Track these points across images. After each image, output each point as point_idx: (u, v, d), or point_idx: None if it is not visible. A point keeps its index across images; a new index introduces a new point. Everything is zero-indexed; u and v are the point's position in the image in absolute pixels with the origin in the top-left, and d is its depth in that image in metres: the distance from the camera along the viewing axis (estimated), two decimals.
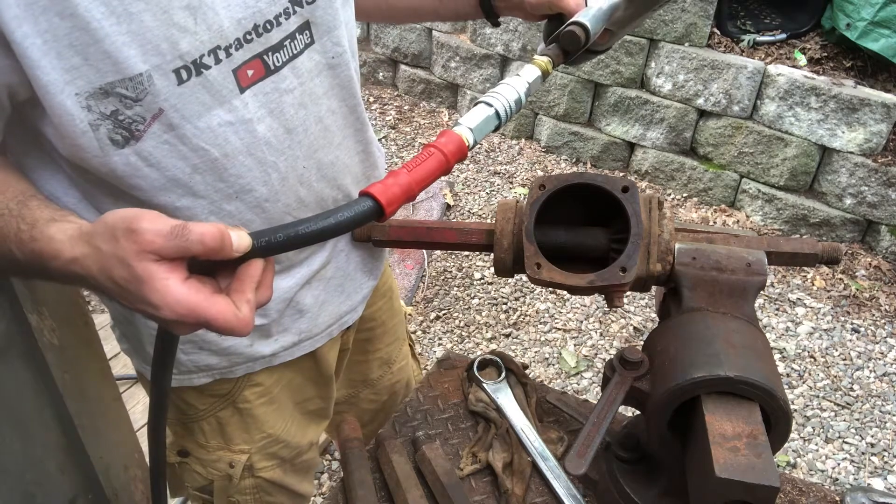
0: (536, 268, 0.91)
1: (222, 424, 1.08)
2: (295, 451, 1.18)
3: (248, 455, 1.11)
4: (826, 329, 2.87)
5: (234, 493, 1.13)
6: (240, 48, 0.79)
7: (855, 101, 2.99)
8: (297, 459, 1.20)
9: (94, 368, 1.18)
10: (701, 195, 3.58)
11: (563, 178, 0.95)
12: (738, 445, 0.74)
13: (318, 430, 1.25)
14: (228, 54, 0.78)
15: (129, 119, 0.73)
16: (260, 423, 1.10)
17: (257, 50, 0.81)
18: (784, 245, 0.97)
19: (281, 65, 0.84)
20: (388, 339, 1.35)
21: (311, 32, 0.87)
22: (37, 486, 1.07)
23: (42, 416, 1.07)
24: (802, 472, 2.30)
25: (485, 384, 1.15)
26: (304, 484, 1.26)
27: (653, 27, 3.39)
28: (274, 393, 1.10)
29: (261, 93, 0.83)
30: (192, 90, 0.76)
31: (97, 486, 1.20)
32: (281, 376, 1.10)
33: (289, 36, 0.83)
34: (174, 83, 0.74)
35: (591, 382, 2.59)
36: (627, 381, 0.86)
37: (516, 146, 4.01)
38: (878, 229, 3.17)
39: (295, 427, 1.16)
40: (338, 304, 1.09)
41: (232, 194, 0.86)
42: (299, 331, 1.05)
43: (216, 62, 0.77)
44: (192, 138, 0.79)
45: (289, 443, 1.15)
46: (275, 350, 1.04)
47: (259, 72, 0.82)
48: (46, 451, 1.10)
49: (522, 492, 1.00)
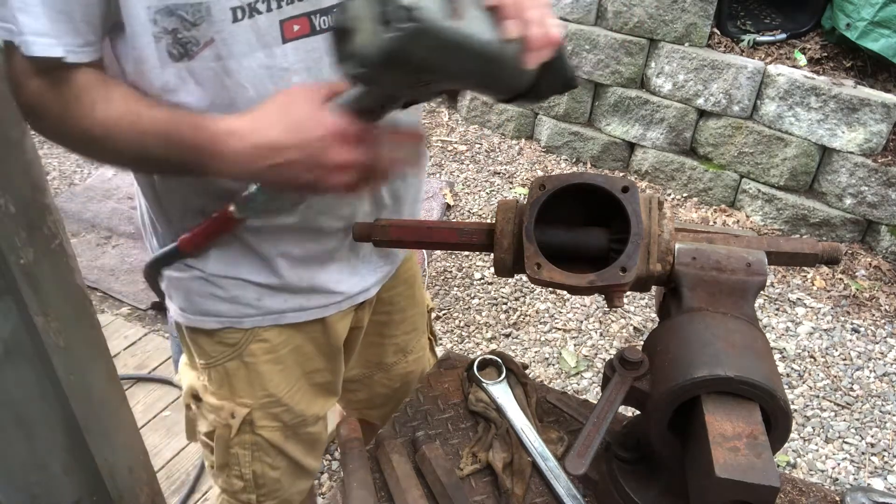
0: (536, 268, 0.91)
1: (229, 375, 1.12)
2: (298, 419, 1.20)
3: (250, 410, 1.14)
4: (826, 329, 2.87)
5: (234, 445, 1.16)
6: (290, 3, 0.84)
7: (855, 101, 2.99)
8: (302, 429, 1.21)
9: (101, 370, 1.19)
10: (701, 195, 3.58)
11: (563, 178, 0.95)
12: (738, 445, 0.74)
13: (326, 405, 1.26)
14: (279, 5, 0.84)
15: (186, 39, 0.82)
16: (263, 381, 1.13)
17: (307, 9, 0.86)
18: (784, 245, 0.97)
19: (327, 27, 0.88)
20: (406, 326, 1.36)
21: None
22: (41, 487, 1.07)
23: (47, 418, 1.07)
24: (802, 472, 2.30)
25: (485, 384, 1.15)
26: (309, 458, 1.27)
27: (653, 27, 3.40)
28: (280, 353, 1.13)
29: (302, 48, 0.88)
30: (242, 29, 0.83)
31: (102, 488, 1.20)
32: (289, 338, 1.12)
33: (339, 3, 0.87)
34: (229, 19, 0.81)
35: (591, 382, 2.59)
36: (627, 381, 0.86)
37: (516, 146, 4.01)
38: (878, 229, 3.17)
39: (300, 395, 1.18)
40: (351, 284, 1.12)
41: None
42: (309, 298, 1.09)
43: (268, 10, 0.83)
44: (234, 73, 0.85)
45: (291, 408, 1.17)
46: (283, 308, 1.08)
47: (304, 29, 0.87)
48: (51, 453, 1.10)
49: (522, 492, 1.00)
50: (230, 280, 1.04)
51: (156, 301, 2.81)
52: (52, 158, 3.86)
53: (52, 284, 1.00)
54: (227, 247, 1.02)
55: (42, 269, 0.97)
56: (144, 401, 2.38)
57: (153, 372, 2.49)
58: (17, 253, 1.05)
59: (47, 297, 1.04)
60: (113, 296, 2.90)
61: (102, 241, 3.24)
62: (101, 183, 3.66)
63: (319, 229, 1.04)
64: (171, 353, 2.46)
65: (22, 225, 0.95)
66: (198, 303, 1.07)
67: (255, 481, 1.21)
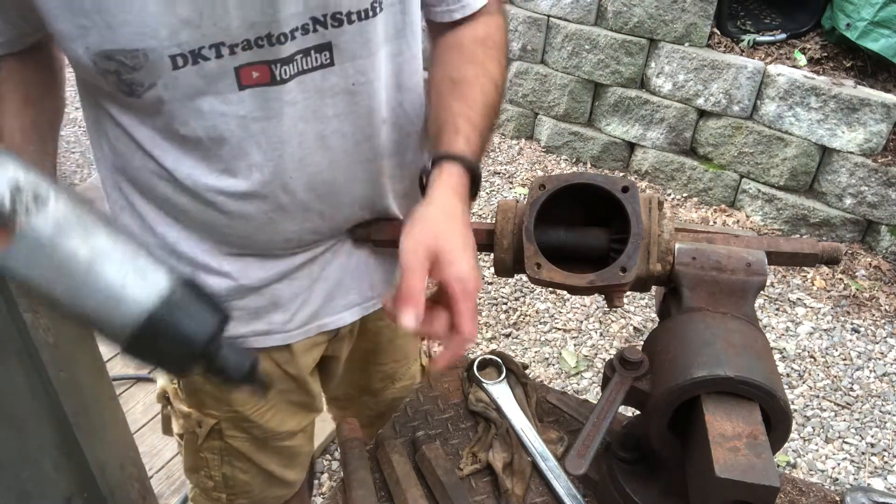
0: (536, 268, 0.91)
1: (195, 388, 1.11)
2: (270, 434, 1.17)
3: (218, 420, 1.12)
4: (826, 329, 2.87)
5: (203, 450, 1.16)
6: (247, 49, 0.78)
7: (855, 101, 2.99)
8: (275, 442, 1.19)
9: (90, 367, 1.19)
10: (701, 195, 3.58)
11: (563, 178, 0.95)
12: (738, 445, 0.74)
13: (304, 421, 1.23)
14: (232, 52, 0.78)
15: (130, 80, 0.77)
16: (228, 397, 1.10)
17: (266, 57, 0.80)
18: (784, 245, 0.97)
19: (288, 77, 0.82)
20: (395, 354, 1.32)
21: (332, 55, 0.84)
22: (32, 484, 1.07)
23: (37, 415, 1.07)
24: (802, 472, 2.30)
25: (485, 384, 1.15)
26: (287, 470, 1.25)
27: (653, 27, 3.40)
28: None
29: (261, 97, 0.82)
30: (185, 75, 0.77)
31: (93, 484, 1.20)
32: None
33: (303, 52, 0.82)
34: (169, 66, 0.76)
35: (591, 382, 2.59)
36: (627, 381, 0.86)
37: (516, 146, 4.01)
38: (878, 229, 3.17)
39: (272, 412, 1.15)
40: (319, 307, 1.07)
41: (216, 173, 0.87)
42: (271, 321, 1.05)
43: (217, 56, 0.77)
44: (180, 114, 0.81)
45: (260, 425, 1.15)
46: (244, 332, 1.04)
47: (264, 77, 0.81)
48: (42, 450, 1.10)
49: (522, 492, 1.00)
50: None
51: None
52: None
53: None
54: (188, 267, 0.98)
55: None
56: (144, 401, 2.37)
57: (153, 372, 2.49)
58: None
59: None
60: None
61: None
62: (101, 183, 3.66)
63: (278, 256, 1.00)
64: None
65: None
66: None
67: (224, 482, 1.20)
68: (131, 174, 0.92)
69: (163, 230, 0.95)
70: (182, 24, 0.73)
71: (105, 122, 0.89)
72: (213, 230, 0.95)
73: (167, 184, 0.90)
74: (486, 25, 0.99)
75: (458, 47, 0.98)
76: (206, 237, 0.96)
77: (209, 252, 0.97)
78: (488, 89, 0.95)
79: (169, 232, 0.95)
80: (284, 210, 0.93)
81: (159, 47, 0.74)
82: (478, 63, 0.96)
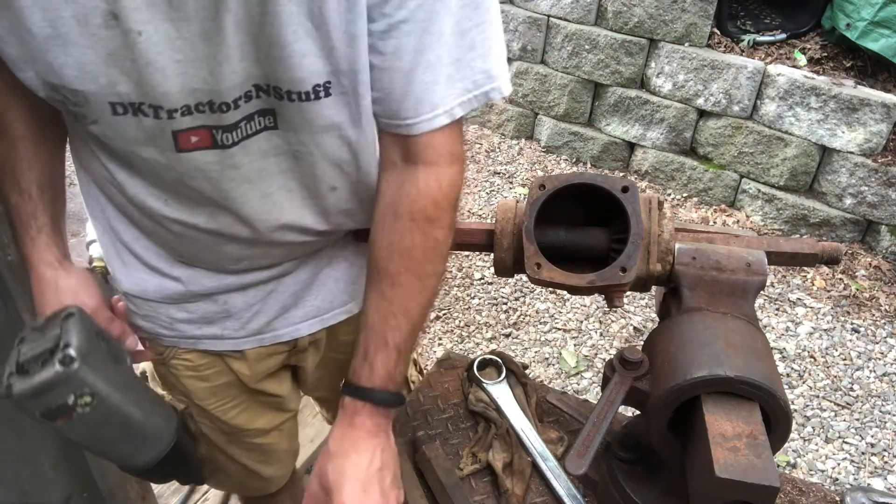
0: (536, 268, 0.91)
1: (163, 377, 1.13)
2: (237, 430, 1.17)
3: (187, 406, 1.14)
4: (826, 329, 2.87)
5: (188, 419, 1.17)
6: (187, 114, 0.75)
7: (855, 101, 2.99)
8: (246, 438, 1.19)
9: None
10: (701, 195, 3.58)
11: (563, 178, 0.95)
12: (738, 445, 0.74)
13: (275, 420, 1.22)
14: (171, 116, 0.75)
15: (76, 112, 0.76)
16: (189, 392, 1.11)
17: (207, 122, 0.77)
18: (784, 245, 0.97)
19: (231, 143, 0.79)
20: None
21: (276, 119, 0.80)
22: (32, 484, 1.07)
23: None
24: (802, 472, 2.30)
25: (485, 384, 1.15)
26: (264, 467, 1.25)
27: (653, 27, 3.40)
28: (204, 373, 1.10)
29: (203, 160, 0.80)
30: (126, 122, 0.76)
31: (92, 484, 1.20)
32: (211, 363, 1.09)
33: (246, 118, 0.78)
34: (109, 112, 0.75)
35: (591, 382, 2.59)
36: (627, 381, 0.86)
37: (516, 146, 4.01)
38: (878, 229, 3.17)
39: (237, 410, 1.15)
40: (273, 318, 1.06)
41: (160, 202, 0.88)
42: (223, 327, 1.05)
43: (155, 117, 0.75)
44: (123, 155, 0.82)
45: (225, 421, 1.15)
46: (197, 335, 1.05)
47: (205, 142, 0.78)
48: (41, 450, 1.10)
49: (522, 492, 1.00)
50: (144, 302, 1.01)
51: None
52: None
53: None
54: (136, 269, 0.99)
55: None
56: None
57: None
58: (4, 250, 1.05)
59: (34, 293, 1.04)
60: None
61: None
62: None
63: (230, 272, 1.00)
64: None
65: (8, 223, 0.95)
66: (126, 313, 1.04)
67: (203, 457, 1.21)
68: (93, 174, 0.93)
69: (120, 228, 0.97)
70: (122, 75, 0.71)
71: (72, 127, 0.90)
72: (163, 242, 0.96)
73: (120, 195, 0.91)
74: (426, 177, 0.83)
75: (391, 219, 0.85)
76: (159, 243, 0.97)
77: (162, 257, 0.98)
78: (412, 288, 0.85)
79: (126, 232, 0.97)
80: (231, 241, 0.92)
81: (99, 92, 0.73)
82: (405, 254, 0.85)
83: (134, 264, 0.99)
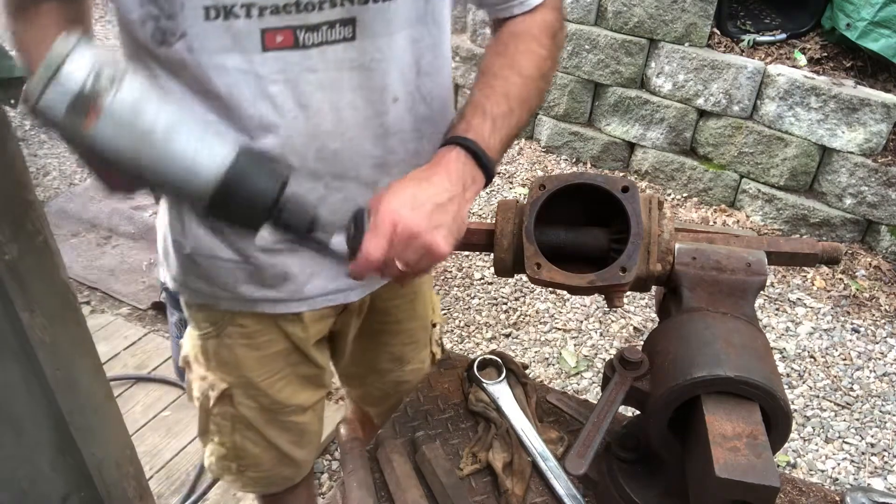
0: (536, 268, 0.91)
1: (211, 351, 1.15)
2: (279, 406, 1.20)
3: (229, 386, 1.16)
4: (826, 329, 2.87)
5: (215, 415, 1.20)
6: (275, 14, 0.82)
7: (855, 101, 2.99)
8: (284, 416, 1.22)
9: (86, 366, 1.19)
10: (701, 195, 3.58)
11: (563, 178, 0.95)
12: (738, 445, 0.74)
13: (313, 397, 1.26)
14: (261, 14, 0.82)
15: (165, 28, 0.82)
16: (239, 363, 1.14)
17: (292, 23, 0.84)
18: (784, 245, 0.97)
19: (311, 45, 0.86)
20: (403, 338, 1.34)
21: (355, 30, 0.88)
22: (29, 483, 1.07)
23: (34, 414, 1.07)
24: (802, 472, 2.30)
25: (485, 384, 1.15)
26: (296, 449, 1.27)
27: (653, 27, 3.40)
28: (258, 340, 1.13)
29: (282, 60, 0.86)
30: (215, 28, 0.82)
31: (90, 483, 1.20)
32: (266, 328, 1.12)
33: (328, 23, 0.86)
34: (201, 16, 0.81)
35: (591, 382, 2.59)
36: (627, 381, 0.86)
37: (516, 146, 4.01)
38: (878, 229, 3.17)
39: (282, 383, 1.19)
40: (327, 281, 1.10)
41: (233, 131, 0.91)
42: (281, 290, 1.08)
43: (246, 15, 0.81)
44: (206, 68, 0.85)
45: (269, 395, 1.18)
46: (255, 297, 1.08)
47: (288, 41, 0.85)
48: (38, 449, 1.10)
49: (522, 492, 1.00)
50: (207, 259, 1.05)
51: (156, 301, 2.81)
52: (52, 158, 3.86)
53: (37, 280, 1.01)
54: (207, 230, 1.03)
55: (26, 265, 0.98)
56: (144, 401, 2.37)
57: (153, 372, 2.49)
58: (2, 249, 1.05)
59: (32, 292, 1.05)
60: (113, 296, 2.90)
61: (102, 241, 3.24)
62: None
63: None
64: (172, 353, 2.46)
65: (5, 221, 0.95)
66: (182, 275, 1.09)
67: (234, 451, 1.23)
68: None
69: None
70: None
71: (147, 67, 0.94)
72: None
73: None
74: (530, 20, 1.02)
75: (495, 42, 1.02)
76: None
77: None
78: (513, 81, 0.95)
79: None
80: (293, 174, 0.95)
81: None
82: (507, 55, 0.98)
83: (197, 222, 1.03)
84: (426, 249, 0.80)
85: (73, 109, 0.69)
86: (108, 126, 0.71)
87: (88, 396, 1.18)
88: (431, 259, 0.81)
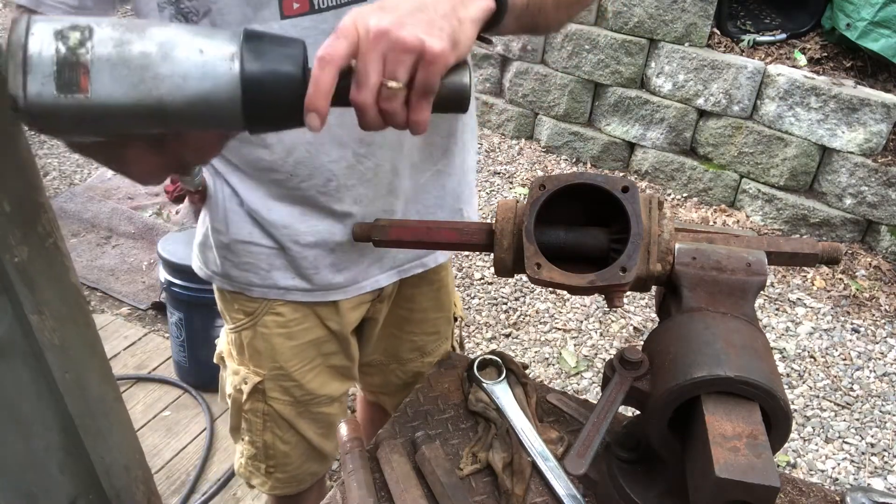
0: (536, 268, 0.91)
1: (246, 343, 1.18)
2: (310, 396, 1.23)
3: (262, 379, 1.18)
4: (826, 329, 2.87)
5: (247, 412, 1.22)
6: None
7: (855, 101, 3.00)
8: (314, 408, 1.24)
9: (96, 369, 1.19)
10: (701, 195, 3.58)
11: (564, 178, 0.95)
12: (738, 445, 0.74)
13: (341, 388, 1.29)
14: None
15: (188, 9, 0.85)
16: (275, 353, 1.16)
17: None
18: (784, 245, 0.97)
19: (326, 7, 0.89)
20: (426, 327, 1.37)
21: None
22: (38, 486, 1.07)
23: (43, 417, 1.07)
24: (802, 472, 2.30)
25: (485, 384, 1.15)
26: (325, 441, 1.30)
27: (653, 27, 3.40)
28: (293, 329, 1.16)
29: (300, 26, 0.89)
30: (238, 1, 0.85)
31: (98, 486, 1.20)
32: (303, 317, 1.16)
33: None
34: None
35: (591, 382, 2.59)
36: (627, 381, 0.86)
37: (516, 146, 4.01)
38: (878, 229, 3.17)
39: (313, 374, 1.21)
40: (364, 268, 1.14)
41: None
42: (314, 280, 1.12)
43: None
44: None
45: (302, 385, 1.21)
46: (289, 286, 1.11)
47: (304, 7, 0.88)
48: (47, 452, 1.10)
49: (522, 492, 1.00)
50: (243, 246, 1.09)
51: (156, 301, 2.81)
52: (52, 158, 3.86)
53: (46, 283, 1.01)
54: (243, 218, 1.07)
55: (36, 267, 0.98)
56: (144, 401, 2.38)
57: (153, 372, 2.49)
58: (12, 251, 1.05)
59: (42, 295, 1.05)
60: (113, 296, 2.90)
61: (102, 241, 3.24)
62: (101, 183, 3.66)
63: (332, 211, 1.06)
64: (172, 354, 2.46)
65: (16, 223, 0.95)
66: (215, 262, 1.12)
67: (265, 451, 1.26)
68: None
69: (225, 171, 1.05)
70: None
71: None
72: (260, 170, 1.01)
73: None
74: None
75: None
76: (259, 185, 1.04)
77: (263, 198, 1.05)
78: None
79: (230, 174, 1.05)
80: (320, 140, 0.98)
81: None
82: None
83: (236, 210, 1.06)
84: (407, 47, 0.64)
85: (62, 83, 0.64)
86: (105, 76, 0.65)
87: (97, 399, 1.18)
88: (422, 59, 0.64)
